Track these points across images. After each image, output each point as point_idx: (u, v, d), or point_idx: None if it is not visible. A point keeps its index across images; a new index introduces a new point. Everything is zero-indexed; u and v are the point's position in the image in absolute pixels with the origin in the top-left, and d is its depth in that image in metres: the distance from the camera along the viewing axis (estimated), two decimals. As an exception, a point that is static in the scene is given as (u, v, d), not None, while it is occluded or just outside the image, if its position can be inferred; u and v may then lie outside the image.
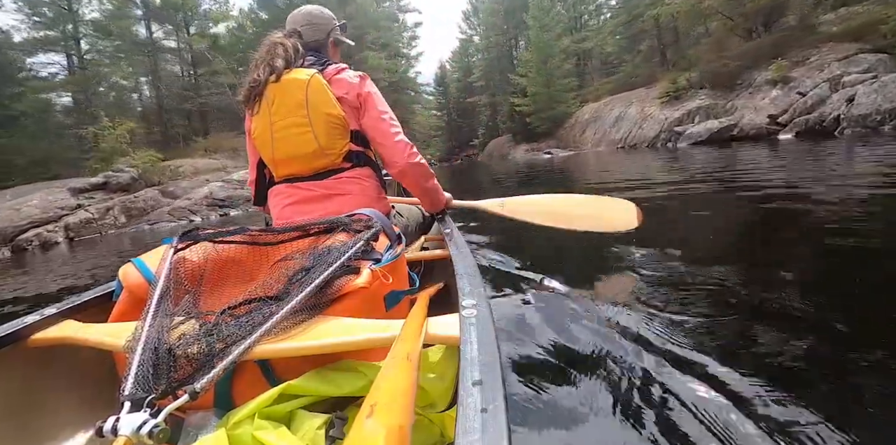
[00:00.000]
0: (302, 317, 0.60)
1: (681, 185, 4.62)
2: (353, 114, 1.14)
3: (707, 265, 1.81)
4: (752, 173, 4.78)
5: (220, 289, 0.74)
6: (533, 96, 27.09)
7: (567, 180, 7.87)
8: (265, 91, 1.10)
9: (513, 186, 8.09)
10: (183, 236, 0.81)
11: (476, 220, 4.03)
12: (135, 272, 0.74)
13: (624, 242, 2.71)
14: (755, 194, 3.46)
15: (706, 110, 15.11)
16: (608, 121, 20.85)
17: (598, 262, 2.38)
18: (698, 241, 2.47)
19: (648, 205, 3.46)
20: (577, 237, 3.13)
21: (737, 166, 5.84)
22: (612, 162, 11.25)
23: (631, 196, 3.53)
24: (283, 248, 0.78)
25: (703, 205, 3.46)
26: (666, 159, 9.30)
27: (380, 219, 0.85)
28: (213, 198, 10.93)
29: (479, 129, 42.28)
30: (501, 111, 34.58)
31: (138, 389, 0.47)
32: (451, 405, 0.62)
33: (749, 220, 2.77)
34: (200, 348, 0.53)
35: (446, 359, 0.65)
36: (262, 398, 0.52)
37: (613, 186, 5.30)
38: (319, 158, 1.10)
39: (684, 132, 14.45)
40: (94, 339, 0.65)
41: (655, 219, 3.03)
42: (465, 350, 0.47)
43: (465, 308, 0.59)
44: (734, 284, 1.58)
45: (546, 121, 26.42)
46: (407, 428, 0.35)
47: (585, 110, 24.26)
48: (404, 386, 0.40)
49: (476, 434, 0.33)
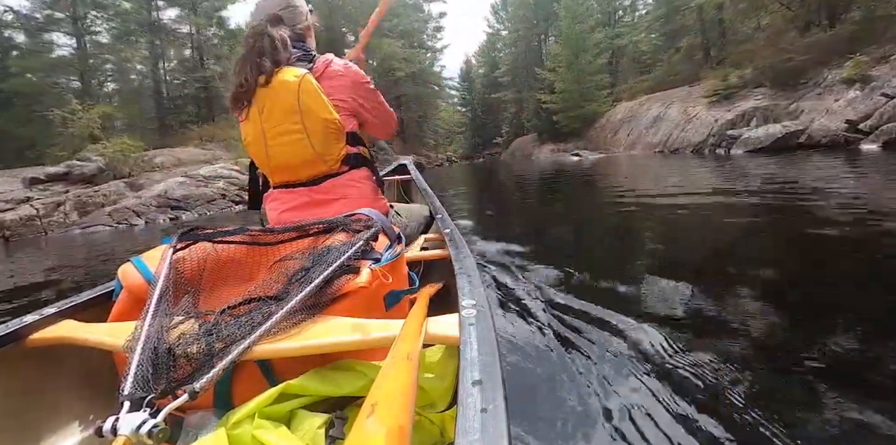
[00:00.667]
0: (301, 317, 0.60)
1: (739, 200, 3.80)
2: (348, 115, 1.10)
3: (734, 292, 1.63)
4: (831, 193, 3.71)
5: (220, 289, 0.74)
6: (561, 93, 24.93)
7: (599, 187, 6.57)
8: (254, 96, 1.03)
9: (534, 192, 7.23)
10: (182, 236, 0.81)
11: (476, 220, 4.03)
12: (134, 272, 0.74)
13: (633, 246, 2.72)
14: (837, 218, 2.69)
15: (764, 112, 12.86)
16: (644, 121, 18.77)
17: (600, 263, 2.38)
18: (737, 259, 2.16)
19: (690, 221, 3.13)
20: (579, 237, 3.15)
21: (810, 181, 4.58)
22: (651, 168, 9.65)
23: (675, 215, 3.21)
24: (283, 248, 0.78)
25: (763, 227, 2.78)
26: (717, 167, 7.87)
27: (379, 218, 0.84)
28: (166, 198, 8.99)
29: (504, 127, 40.15)
30: (527, 108, 32.58)
31: (138, 389, 0.47)
32: (450, 405, 0.62)
33: (827, 255, 2.07)
34: (200, 348, 0.52)
35: (446, 359, 0.65)
36: (262, 397, 0.52)
37: (655, 201, 4.28)
38: (317, 165, 1.07)
39: (740, 137, 12.18)
40: (94, 339, 0.65)
41: (694, 235, 2.74)
42: (465, 350, 0.47)
43: (464, 308, 0.59)
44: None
45: (574, 120, 24.36)
46: (407, 428, 0.35)
47: (618, 109, 22.00)
48: (405, 386, 0.40)
49: (476, 434, 0.33)
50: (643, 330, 1.34)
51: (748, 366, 1.10)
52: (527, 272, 2.09)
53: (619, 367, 1.15)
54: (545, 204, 5.57)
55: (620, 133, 20.43)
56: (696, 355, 1.16)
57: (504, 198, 6.64)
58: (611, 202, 4.65)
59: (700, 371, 1.09)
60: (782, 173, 5.73)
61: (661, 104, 18.67)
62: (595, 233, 3.30)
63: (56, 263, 4.66)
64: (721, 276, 1.88)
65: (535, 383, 1.13)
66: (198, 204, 9.19)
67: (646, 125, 18.59)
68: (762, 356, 1.16)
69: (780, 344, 1.23)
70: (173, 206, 8.92)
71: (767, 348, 1.20)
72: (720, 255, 2.26)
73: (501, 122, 41.07)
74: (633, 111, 20.38)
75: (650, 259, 2.33)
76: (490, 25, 40.94)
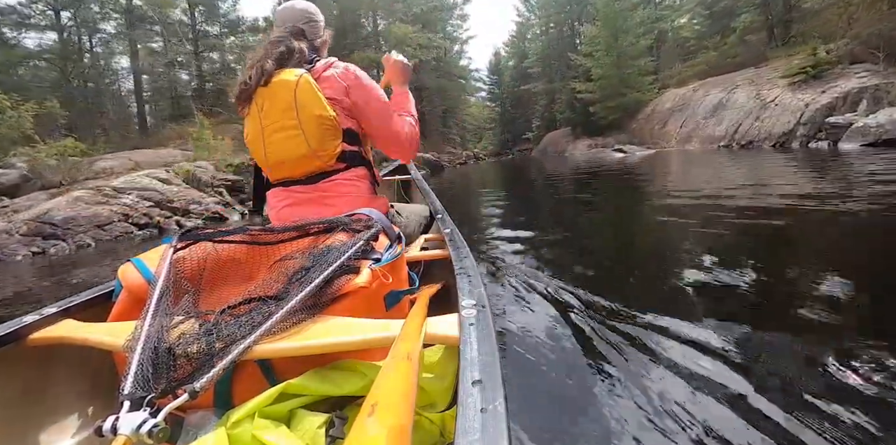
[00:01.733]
0: (302, 317, 0.60)
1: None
2: (344, 113, 1.11)
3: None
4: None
5: (220, 289, 0.74)
6: (599, 81, 21.50)
7: (660, 193, 4.86)
8: (255, 95, 1.08)
9: (569, 200, 5.39)
10: (182, 235, 0.81)
11: (476, 220, 4.03)
12: (134, 271, 0.74)
13: (638, 246, 2.70)
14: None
15: (874, 93, 9.92)
16: (701, 110, 15.35)
17: (602, 264, 2.38)
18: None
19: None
20: (580, 238, 3.13)
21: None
22: (727, 167, 7.21)
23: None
24: (283, 248, 0.78)
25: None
26: (827, 167, 5.61)
27: (380, 218, 0.85)
28: (41, 221, 5.94)
29: (534, 122, 36.14)
30: (559, 100, 29.90)
31: (138, 388, 0.47)
32: (450, 405, 0.62)
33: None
34: (200, 347, 0.52)
35: (446, 359, 0.65)
36: (262, 397, 0.52)
37: (758, 221, 2.82)
38: (312, 161, 1.08)
39: (851, 125, 9.10)
40: (94, 339, 0.65)
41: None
42: (465, 350, 0.47)
43: (464, 308, 0.59)
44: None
45: (614, 111, 21.05)
46: (408, 428, 0.35)
47: (666, 97, 18.56)
48: (405, 386, 0.40)
49: (476, 434, 0.33)
50: (645, 330, 1.35)
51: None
52: (528, 271, 2.09)
53: (620, 367, 1.16)
54: (583, 211, 4.37)
55: (670, 124, 16.95)
56: (698, 353, 1.16)
57: (535, 205, 5.32)
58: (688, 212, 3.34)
59: (702, 373, 1.09)
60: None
61: (722, 89, 15.12)
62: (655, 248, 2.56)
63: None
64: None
65: (535, 383, 1.13)
66: (82, 230, 6.05)
67: (704, 114, 15.04)
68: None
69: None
70: (47, 234, 5.83)
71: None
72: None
73: (532, 116, 37.25)
74: (686, 99, 16.84)
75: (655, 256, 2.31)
76: (519, 14, 37.63)
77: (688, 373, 1.08)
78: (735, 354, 1.16)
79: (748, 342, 1.22)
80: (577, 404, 1.02)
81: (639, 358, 1.19)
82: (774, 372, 1.07)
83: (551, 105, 31.60)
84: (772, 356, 1.15)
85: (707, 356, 1.16)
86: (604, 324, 1.41)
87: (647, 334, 1.32)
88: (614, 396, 1.03)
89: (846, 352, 1.12)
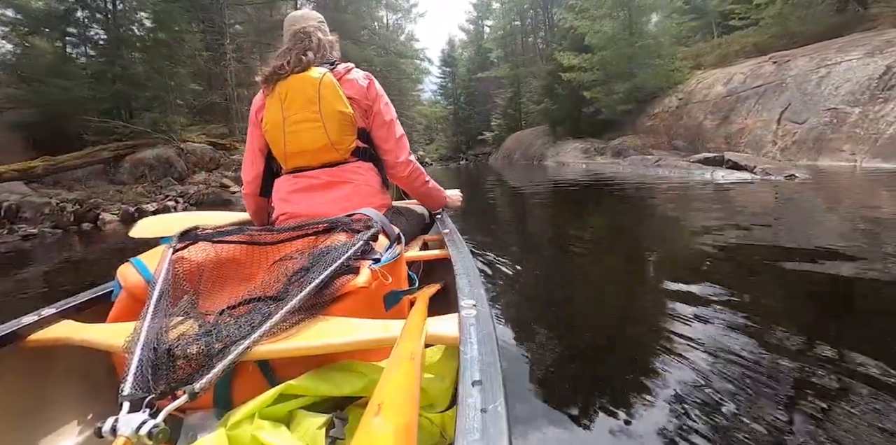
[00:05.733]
0: (301, 317, 0.60)
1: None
2: (361, 114, 1.19)
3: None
4: None
5: (220, 289, 0.74)
6: (601, 52, 12.97)
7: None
8: (280, 82, 1.14)
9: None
10: (182, 236, 0.80)
11: (477, 220, 4.02)
12: (133, 272, 0.74)
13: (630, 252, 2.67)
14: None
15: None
16: (823, 97, 7.47)
17: (604, 265, 2.38)
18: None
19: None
20: (581, 239, 3.12)
21: None
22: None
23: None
24: (283, 248, 0.78)
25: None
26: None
27: (379, 218, 0.85)
28: None
29: (493, 119, 27.23)
30: (528, 89, 22.18)
31: (137, 389, 0.47)
32: (450, 405, 0.62)
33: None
34: (199, 348, 0.52)
35: (446, 359, 0.65)
36: (262, 398, 0.52)
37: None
38: (329, 152, 1.15)
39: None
40: (93, 340, 0.65)
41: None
42: (465, 350, 0.47)
43: (464, 308, 0.59)
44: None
45: (625, 100, 12.85)
46: (413, 426, 0.35)
47: (714, 79, 10.57)
48: (409, 385, 0.40)
49: (476, 435, 0.33)
50: (647, 331, 1.35)
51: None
52: (530, 271, 2.09)
53: (621, 367, 1.16)
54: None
55: (738, 120, 9.09)
56: (697, 355, 1.16)
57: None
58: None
59: (703, 374, 1.09)
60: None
61: (863, 55, 7.40)
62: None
63: None
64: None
65: (535, 383, 1.13)
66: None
67: (828, 101, 7.31)
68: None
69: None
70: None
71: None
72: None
73: (491, 113, 28.61)
74: (764, 78, 9.06)
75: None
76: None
77: (690, 372, 1.08)
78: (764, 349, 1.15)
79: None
80: (578, 403, 1.02)
81: (640, 359, 1.19)
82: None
83: (517, 97, 24.07)
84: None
85: (718, 359, 1.16)
86: (606, 324, 1.41)
87: (648, 334, 1.32)
88: (615, 396, 1.03)
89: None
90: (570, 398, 1.05)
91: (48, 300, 0.81)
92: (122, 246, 4.15)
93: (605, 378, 1.11)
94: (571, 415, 0.97)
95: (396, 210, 1.33)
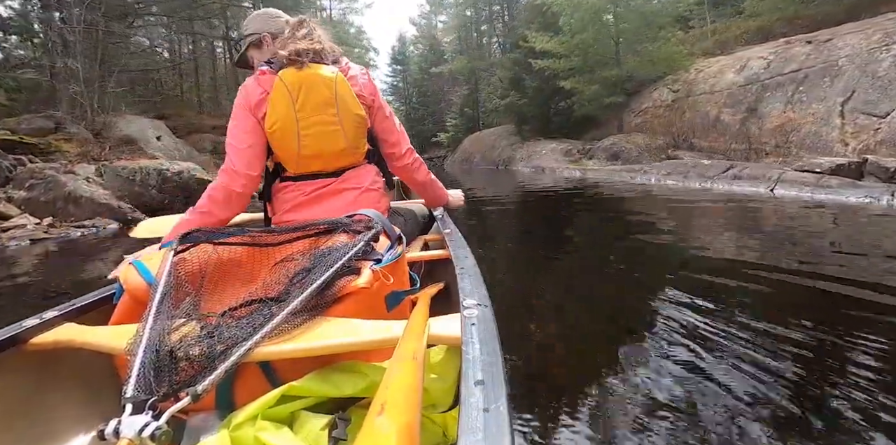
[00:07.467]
0: (303, 318, 0.60)
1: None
2: (368, 113, 1.17)
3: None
4: None
5: (221, 291, 0.74)
6: (580, 35, 11.08)
7: None
8: (287, 72, 1.05)
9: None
10: (183, 238, 0.81)
11: (477, 220, 4.02)
12: (135, 274, 0.74)
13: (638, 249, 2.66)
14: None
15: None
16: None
17: (605, 266, 2.38)
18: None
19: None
20: (583, 239, 3.13)
21: None
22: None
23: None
24: (284, 249, 0.78)
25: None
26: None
27: (380, 219, 0.85)
28: None
29: (449, 119, 24.67)
30: (487, 85, 20.85)
31: (140, 391, 0.47)
32: (453, 405, 0.62)
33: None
34: (202, 350, 0.52)
35: (448, 360, 0.65)
36: (264, 399, 0.52)
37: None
38: (347, 156, 1.12)
39: None
40: (95, 342, 0.65)
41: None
42: (467, 350, 0.47)
43: (466, 308, 0.59)
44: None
45: (612, 92, 10.98)
46: (415, 426, 0.35)
47: (722, 65, 9.27)
48: (411, 385, 0.40)
49: (479, 434, 0.33)
50: (645, 332, 1.35)
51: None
52: (523, 269, 2.09)
53: (621, 366, 1.16)
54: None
55: (775, 113, 7.29)
56: (697, 355, 1.16)
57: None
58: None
59: (704, 374, 1.09)
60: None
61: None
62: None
63: None
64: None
65: (537, 382, 1.13)
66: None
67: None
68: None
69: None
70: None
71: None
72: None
73: (445, 112, 26.12)
74: (798, 61, 7.50)
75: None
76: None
77: (692, 375, 1.08)
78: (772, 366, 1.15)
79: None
80: (579, 403, 1.02)
81: (641, 359, 1.19)
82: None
83: (474, 93, 22.34)
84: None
85: (718, 362, 1.16)
86: (608, 324, 1.41)
87: (650, 335, 1.32)
88: (617, 397, 1.03)
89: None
90: (572, 396, 1.05)
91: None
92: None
93: (608, 375, 1.11)
94: (573, 414, 0.97)
95: (395, 210, 1.33)
